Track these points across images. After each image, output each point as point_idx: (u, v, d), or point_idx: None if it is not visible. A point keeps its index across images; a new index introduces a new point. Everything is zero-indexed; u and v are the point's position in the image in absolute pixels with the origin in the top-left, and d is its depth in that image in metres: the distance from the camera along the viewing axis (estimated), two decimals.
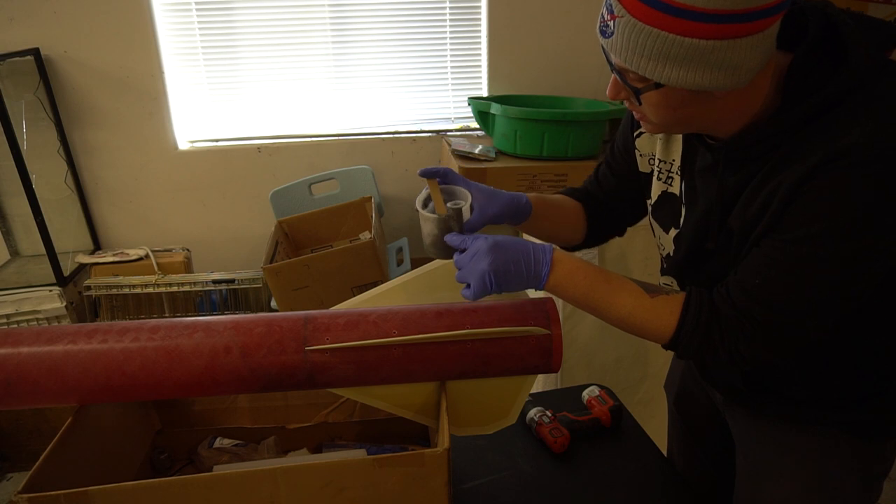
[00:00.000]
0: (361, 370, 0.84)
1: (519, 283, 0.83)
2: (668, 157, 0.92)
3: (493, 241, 0.82)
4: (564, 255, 0.84)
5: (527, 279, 0.83)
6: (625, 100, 0.79)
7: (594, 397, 1.25)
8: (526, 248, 0.83)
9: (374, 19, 2.56)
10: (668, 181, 0.92)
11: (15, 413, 2.13)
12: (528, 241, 0.85)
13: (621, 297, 0.82)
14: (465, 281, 0.84)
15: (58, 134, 2.43)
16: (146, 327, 0.83)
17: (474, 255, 0.82)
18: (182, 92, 2.56)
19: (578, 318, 2.00)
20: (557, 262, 0.83)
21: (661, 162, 0.93)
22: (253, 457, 1.08)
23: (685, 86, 0.69)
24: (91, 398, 0.83)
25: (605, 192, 1.07)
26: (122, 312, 2.34)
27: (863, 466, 0.92)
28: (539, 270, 0.82)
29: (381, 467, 0.76)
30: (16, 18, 2.31)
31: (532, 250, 0.83)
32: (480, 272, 0.81)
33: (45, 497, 0.71)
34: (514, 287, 0.83)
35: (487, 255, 0.81)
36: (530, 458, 1.15)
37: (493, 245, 0.82)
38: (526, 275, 0.82)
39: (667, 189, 0.93)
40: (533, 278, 0.83)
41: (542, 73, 2.66)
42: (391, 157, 2.69)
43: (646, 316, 0.81)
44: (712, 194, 0.82)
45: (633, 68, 0.71)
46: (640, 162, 0.99)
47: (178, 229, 2.66)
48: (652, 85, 0.72)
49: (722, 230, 0.82)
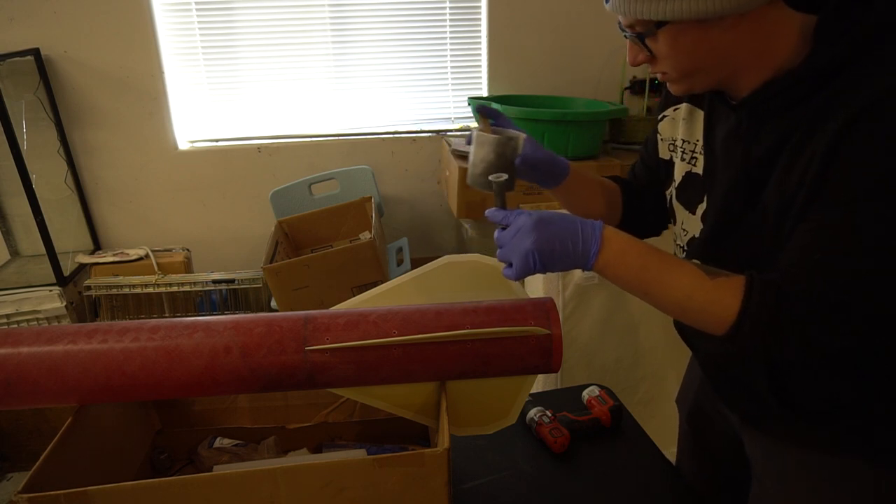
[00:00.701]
0: (361, 370, 0.84)
1: (565, 263, 0.76)
2: (692, 137, 0.90)
3: (538, 217, 0.76)
4: (615, 232, 0.77)
5: (574, 258, 0.76)
6: (646, 63, 0.78)
7: (594, 397, 1.25)
8: (573, 225, 0.76)
9: (374, 19, 2.56)
10: (692, 161, 0.89)
11: (15, 413, 2.13)
12: (575, 217, 0.78)
13: (678, 277, 0.74)
14: (506, 260, 0.78)
15: (58, 134, 2.43)
16: (146, 327, 0.83)
17: (517, 232, 0.77)
18: (182, 92, 2.56)
19: (578, 318, 2.00)
20: (608, 240, 0.76)
21: (685, 142, 0.91)
22: (253, 457, 1.08)
23: (689, 15, 0.68)
24: (91, 398, 0.83)
25: (641, 185, 1.05)
26: (122, 312, 2.34)
27: (878, 495, 0.85)
28: (588, 249, 0.75)
29: (381, 467, 0.76)
30: (16, 18, 2.31)
31: (580, 227, 0.76)
32: (524, 251, 0.75)
33: (45, 497, 0.71)
34: (559, 267, 0.77)
35: (532, 233, 0.75)
36: (530, 458, 1.14)
37: (538, 221, 0.76)
38: (573, 253, 0.75)
39: (690, 169, 0.90)
40: (581, 257, 0.76)
41: (542, 73, 2.66)
42: (391, 157, 2.69)
43: (706, 298, 0.72)
44: (737, 159, 0.79)
45: (638, 15, 0.71)
46: (660, 147, 0.98)
47: (178, 229, 2.66)
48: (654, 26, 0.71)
49: (755, 200, 0.77)
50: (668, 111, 0.96)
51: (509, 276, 0.78)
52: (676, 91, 0.81)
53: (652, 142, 1.01)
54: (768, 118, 0.75)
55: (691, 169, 0.90)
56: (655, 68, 0.79)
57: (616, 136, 2.56)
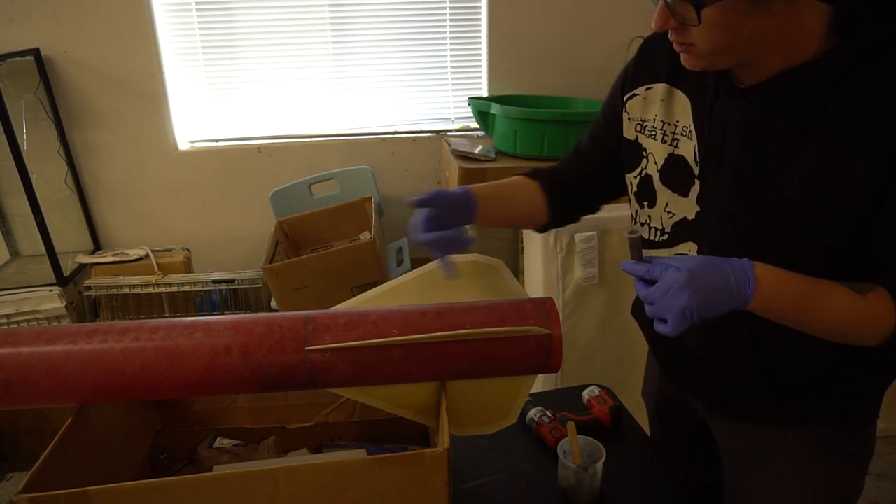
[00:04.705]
0: (361, 370, 0.84)
1: (721, 310, 0.76)
2: (672, 119, 0.90)
3: (689, 272, 0.74)
4: (764, 267, 0.76)
5: (730, 304, 0.75)
6: (671, 30, 0.77)
7: (594, 397, 1.25)
8: (724, 272, 0.75)
9: (374, 19, 2.56)
10: (674, 143, 0.90)
11: (15, 413, 2.13)
12: (723, 261, 0.76)
13: (835, 301, 0.75)
14: (660, 317, 0.76)
15: (58, 134, 2.43)
16: (146, 327, 0.83)
17: (668, 290, 0.75)
18: (182, 92, 2.56)
19: (578, 318, 2.00)
20: (761, 278, 0.75)
21: (665, 124, 0.91)
22: (253, 457, 1.08)
23: None
24: (91, 398, 0.83)
25: (585, 165, 1.05)
26: (122, 312, 2.34)
27: (847, 454, 0.93)
28: (743, 293, 0.75)
29: (381, 467, 0.76)
30: (16, 18, 2.31)
31: (731, 273, 0.75)
32: (679, 308, 0.73)
33: (45, 497, 0.71)
34: (716, 314, 0.76)
35: (685, 290, 0.73)
36: (530, 458, 1.14)
37: (690, 277, 0.74)
38: (728, 300, 0.75)
39: (673, 151, 0.90)
40: (737, 301, 0.75)
41: (542, 73, 2.66)
42: (391, 157, 2.69)
43: (862, 317, 0.75)
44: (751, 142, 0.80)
45: None
46: (625, 126, 0.97)
47: (178, 229, 2.66)
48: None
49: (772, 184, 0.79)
50: (639, 90, 0.95)
51: (664, 332, 0.76)
52: (694, 66, 0.80)
53: (612, 119, 0.99)
54: (789, 103, 0.77)
55: (674, 151, 0.90)
56: (682, 38, 0.77)
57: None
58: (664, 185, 0.92)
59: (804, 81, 0.75)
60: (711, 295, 0.74)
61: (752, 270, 0.75)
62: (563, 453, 1.04)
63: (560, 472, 1.05)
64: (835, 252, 0.77)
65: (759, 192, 0.80)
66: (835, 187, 0.75)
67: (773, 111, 0.78)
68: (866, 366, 0.87)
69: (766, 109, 0.78)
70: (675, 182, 0.91)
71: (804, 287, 0.76)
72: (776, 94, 0.77)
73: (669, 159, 0.91)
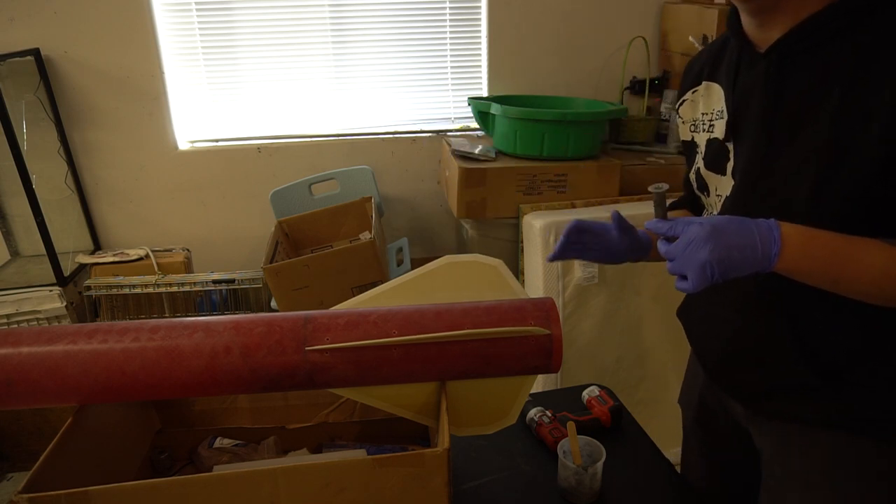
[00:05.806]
0: (361, 370, 0.84)
1: (745, 269, 0.74)
2: (710, 108, 0.94)
3: (711, 226, 0.73)
4: (791, 226, 0.74)
5: (753, 263, 0.73)
6: None
7: (594, 397, 1.25)
8: (749, 229, 0.73)
9: (374, 19, 2.56)
10: (710, 129, 0.93)
11: (15, 413, 2.13)
12: (747, 220, 0.75)
13: (870, 254, 0.72)
14: (679, 272, 0.75)
15: (58, 134, 2.43)
16: (146, 327, 0.83)
17: (689, 244, 0.74)
18: (182, 92, 2.56)
19: (578, 318, 2.00)
20: (787, 237, 0.73)
21: (704, 115, 0.95)
22: (253, 457, 1.08)
23: None
24: (91, 398, 0.83)
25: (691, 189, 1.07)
26: (122, 312, 2.34)
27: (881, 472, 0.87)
28: (768, 251, 0.72)
29: (381, 467, 0.76)
30: (16, 18, 2.31)
31: (756, 230, 0.73)
32: (700, 262, 0.72)
33: (45, 497, 0.71)
34: (739, 274, 0.74)
35: (707, 243, 0.72)
36: (530, 458, 1.15)
37: (713, 231, 0.73)
38: (752, 259, 0.73)
39: (710, 136, 0.94)
40: (762, 261, 0.73)
41: (542, 73, 2.66)
42: (391, 157, 2.69)
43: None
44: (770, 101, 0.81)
45: None
46: (681, 130, 1.01)
47: (178, 229, 2.66)
48: None
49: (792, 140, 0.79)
50: (687, 95, 1.01)
51: (685, 289, 0.75)
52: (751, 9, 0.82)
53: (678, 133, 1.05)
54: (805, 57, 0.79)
55: (711, 136, 0.93)
56: None
57: (616, 136, 2.56)
58: (709, 170, 0.95)
59: (816, 32, 0.77)
60: (735, 252, 0.72)
61: (778, 229, 0.73)
62: (563, 453, 1.04)
63: (560, 472, 1.05)
64: (858, 204, 0.75)
65: (780, 149, 0.81)
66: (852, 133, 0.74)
67: (788, 67, 0.80)
68: None
69: (781, 65, 0.80)
70: (715, 164, 0.93)
71: (834, 243, 0.73)
72: (791, 48, 0.79)
73: (709, 144, 0.94)
